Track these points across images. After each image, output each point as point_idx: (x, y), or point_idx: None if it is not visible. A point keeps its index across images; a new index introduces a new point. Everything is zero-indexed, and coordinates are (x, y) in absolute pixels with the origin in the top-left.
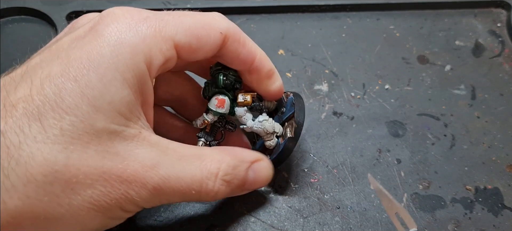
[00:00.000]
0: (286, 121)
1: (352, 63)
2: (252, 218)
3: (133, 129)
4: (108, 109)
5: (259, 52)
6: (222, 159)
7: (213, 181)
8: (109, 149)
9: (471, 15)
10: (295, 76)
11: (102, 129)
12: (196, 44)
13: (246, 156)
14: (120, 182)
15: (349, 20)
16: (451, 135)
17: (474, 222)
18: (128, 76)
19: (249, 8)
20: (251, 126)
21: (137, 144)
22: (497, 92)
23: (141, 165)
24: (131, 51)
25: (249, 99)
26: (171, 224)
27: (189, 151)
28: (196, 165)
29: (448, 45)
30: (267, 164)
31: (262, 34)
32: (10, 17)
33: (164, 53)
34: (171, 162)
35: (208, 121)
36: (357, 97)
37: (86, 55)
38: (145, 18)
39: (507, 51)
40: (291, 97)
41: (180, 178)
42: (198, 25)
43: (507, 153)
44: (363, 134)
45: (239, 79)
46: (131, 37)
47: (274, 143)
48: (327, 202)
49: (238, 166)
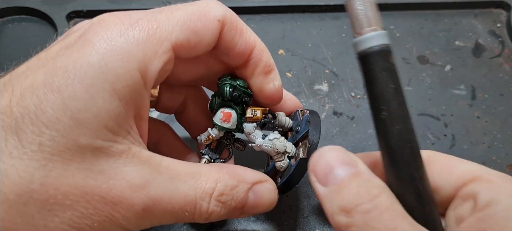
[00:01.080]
0: (300, 140)
1: (352, 63)
2: (252, 217)
3: (121, 144)
4: (93, 123)
5: (259, 43)
6: (219, 178)
7: (207, 201)
8: (93, 166)
9: (471, 15)
10: (295, 76)
11: (86, 145)
12: (195, 38)
13: (247, 176)
14: (104, 204)
15: None
16: (451, 135)
17: None
18: (119, 86)
19: (249, 8)
20: (260, 144)
21: (125, 161)
22: (497, 92)
23: (129, 185)
24: (123, 59)
25: (258, 115)
26: (171, 224)
27: (184, 169)
28: (190, 184)
29: (448, 46)
30: (271, 186)
31: (262, 34)
32: (10, 17)
33: (160, 57)
34: (163, 180)
35: (213, 136)
36: (357, 97)
37: (73, 64)
38: (136, 21)
39: (507, 51)
40: (307, 115)
41: (173, 198)
42: (193, 17)
43: (507, 153)
44: (363, 133)
45: (249, 93)
46: (122, 43)
47: (285, 164)
48: None
49: (236, 187)
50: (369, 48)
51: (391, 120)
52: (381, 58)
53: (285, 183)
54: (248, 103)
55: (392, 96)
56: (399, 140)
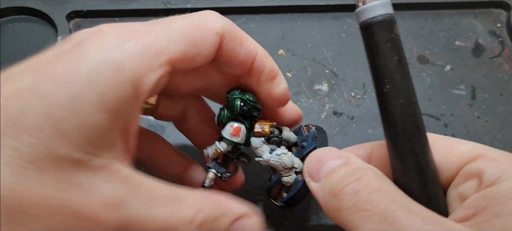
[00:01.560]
0: (306, 156)
1: (352, 63)
2: None
3: (102, 159)
4: (75, 134)
5: (260, 50)
6: (202, 206)
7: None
8: (69, 179)
9: (471, 15)
10: (295, 76)
11: (64, 156)
12: (193, 50)
13: (233, 208)
14: (73, 218)
15: (350, 20)
16: (451, 135)
17: None
18: (107, 98)
19: (249, 8)
20: (268, 159)
21: (104, 177)
22: (497, 92)
23: (103, 202)
24: (115, 70)
25: (267, 130)
26: None
27: (166, 192)
28: (171, 209)
29: (448, 46)
30: (257, 222)
31: (262, 34)
32: (10, 17)
33: (156, 71)
34: (141, 201)
35: (221, 150)
36: (358, 97)
37: (63, 72)
38: (133, 33)
39: (507, 51)
40: (313, 131)
41: (148, 222)
42: (192, 29)
43: None
44: (363, 133)
45: (258, 107)
46: (116, 55)
47: (292, 179)
48: None
49: (219, 218)
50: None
51: (395, 93)
52: (385, 29)
53: (292, 199)
54: (257, 117)
55: (396, 68)
56: (402, 113)
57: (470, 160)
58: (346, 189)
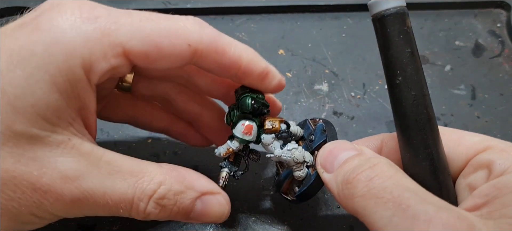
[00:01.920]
0: (316, 149)
1: (352, 63)
2: (253, 217)
3: (60, 135)
4: (30, 112)
5: (245, 56)
6: (164, 180)
7: (146, 202)
8: (26, 153)
9: (471, 15)
10: (295, 76)
11: (21, 132)
12: (156, 54)
13: (197, 185)
14: (32, 190)
15: (349, 20)
16: None
17: None
18: (59, 80)
19: (249, 8)
20: (280, 155)
21: (62, 152)
22: (497, 92)
23: (61, 175)
24: (66, 53)
25: (277, 126)
26: (172, 225)
27: (127, 166)
28: (130, 183)
29: (448, 45)
30: (222, 200)
31: (262, 34)
32: (10, 17)
33: (108, 60)
34: (99, 175)
35: (234, 149)
36: (357, 97)
37: (18, 50)
38: (95, 17)
39: (507, 51)
40: (321, 125)
41: (107, 194)
42: (161, 33)
43: None
44: (363, 133)
45: (267, 104)
46: (71, 37)
47: (304, 173)
48: (327, 202)
49: (182, 193)
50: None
51: (407, 85)
52: (398, 21)
53: (305, 193)
54: (266, 115)
55: (408, 61)
56: (414, 105)
57: (479, 151)
58: (359, 176)
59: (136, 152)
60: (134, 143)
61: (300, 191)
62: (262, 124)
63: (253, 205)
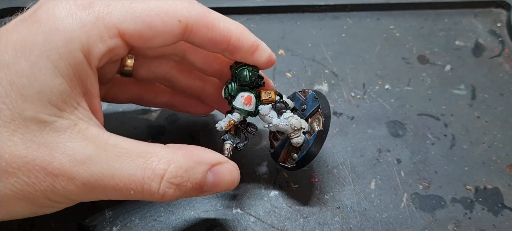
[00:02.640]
0: (309, 117)
1: (352, 63)
2: (252, 218)
3: (67, 120)
4: (37, 98)
5: (234, 30)
6: (172, 159)
7: (158, 182)
8: (36, 138)
9: (471, 15)
10: (295, 76)
11: (30, 118)
12: (149, 32)
13: (205, 158)
14: (45, 174)
15: (349, 20)
16: (451, 134)
17: (474, 222)
18: (61, 65)
19: (249, 8)
20: (277, 124)
21: (70, 136)
22: (497, 92)
23: (70, 159)
24: (66, 39)
25: (273, 96)
26: (172, 225)
27: (134, 148)
28: (138, 164)
29: (448, 45)
30: (231, 167)
31: (262, 34)
32: (10, 17)
33: (105, 42)
34: (107, 158)
35: (235, 120)
36: (357, 97)
37: (21, 42)
38: (89, 3)
39: (507, 51)
40: (312, 93)
41: (116, 176)
42: (151, 13)
43: (507, 153)
44: (363, 134)
45: (261, 76)
46: (68, 24)
47: (301, 139)
48: (327, 202)
49: (193, 168)
50: None
51: None
52: None
53: (305, 156)
54: (262, 86)
55: None
56: None
57: None
58: None
59: None
60: None
61: (300, 157)
62: (259, 95)
63: (253, 206)
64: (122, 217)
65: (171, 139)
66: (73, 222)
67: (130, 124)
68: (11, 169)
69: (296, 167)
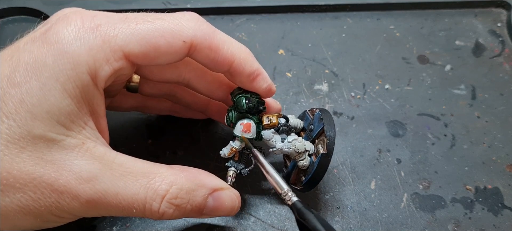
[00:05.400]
0: (316, 138)
1: (352, 63)
2: (252, 218)
3: (75, 139)
4: (46, 118)
5: (238, 55)
6: (175, 180)
7: (159, 202)
8: (44, 156)
9: (471, 15)
10: (295, 76)
11: (39, 136)
12: (154, 53)
13: (208, 182)
14: (51, 191)
15: (349, 20)
16: (451, 134)
17: (474, 221)
18: (69, 87)
19: (249, 8)
20: (281, 148)
21: (77, 155)
22: (497, 92)
23: (76, 177)
24: (74, 62)
25: (274, 120)
26: (172, 225)
27: (139, 167)
28: (142, 183)
29: (448, 45)
30: (232, 194)
31: (262, 34)
32: (10, 17)
33: (111, 64)
34: (112, 177)
35: (236, 148)
36: (357, 97)
37: (33, 62)
38: (96, 26)
39: (507, 51)
40: (318, 113)
41: (119, 195)
42: (156, 34)
43: (507, 153)
44: (363, 133)
45: (262, 101)
46: (77, 47)
47: (307, 162)
48: (327, 202)
49: (194, 191)
50: None
51: None
52: None
53: (311, 180)
54: (263, 111)
55: None
56: None
57: None
58: None
59: (136, 153)
60: (135, 144)
61: (306, 179)
62: (261, 120)
63: (253, 206)
64: (122, 217)
65: (171, 139)
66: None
67: (130, 124)
68: (18, 184)
69: (304, 190)
